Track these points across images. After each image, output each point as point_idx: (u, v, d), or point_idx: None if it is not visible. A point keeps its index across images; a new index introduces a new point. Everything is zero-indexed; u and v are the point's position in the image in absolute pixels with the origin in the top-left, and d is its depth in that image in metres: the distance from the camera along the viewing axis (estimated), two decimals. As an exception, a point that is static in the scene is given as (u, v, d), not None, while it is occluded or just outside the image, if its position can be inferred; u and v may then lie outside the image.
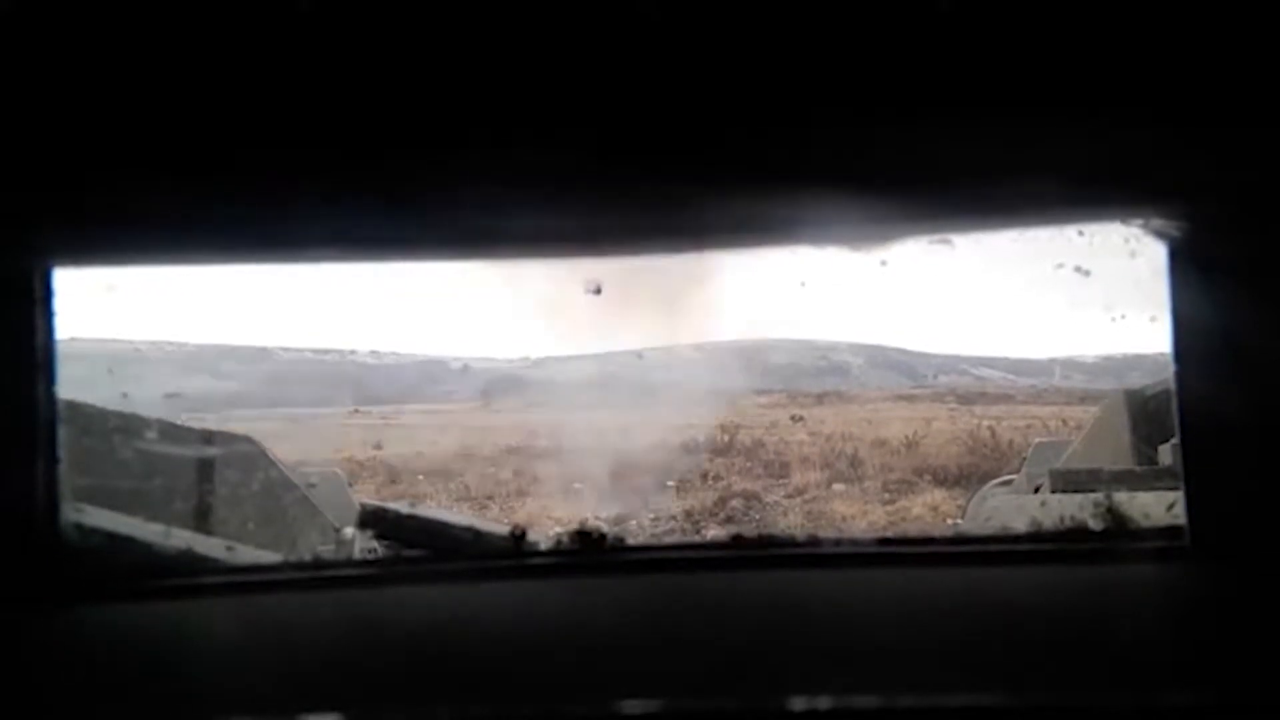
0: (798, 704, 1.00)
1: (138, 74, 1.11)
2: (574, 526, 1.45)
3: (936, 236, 1.35)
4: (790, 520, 9.03)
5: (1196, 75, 1.11)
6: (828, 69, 1.10)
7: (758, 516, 9.31)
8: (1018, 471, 4.71)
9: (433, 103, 1.13)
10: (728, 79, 1.09)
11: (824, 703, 1.00)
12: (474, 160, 1.17)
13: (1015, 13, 1.07)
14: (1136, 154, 1.18)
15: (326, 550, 2.56)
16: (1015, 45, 1.10)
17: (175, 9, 1.05)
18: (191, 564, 1.53)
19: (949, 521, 8.30)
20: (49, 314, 1.29)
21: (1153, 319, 1.36)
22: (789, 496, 9.97)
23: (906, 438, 11.65)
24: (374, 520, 1.71)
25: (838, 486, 10.21)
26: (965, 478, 9.66)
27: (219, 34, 1.07)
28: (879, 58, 1.10)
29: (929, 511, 9.08)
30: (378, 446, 12.09)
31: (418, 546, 1.61)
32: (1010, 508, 3.64)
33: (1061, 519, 1.44)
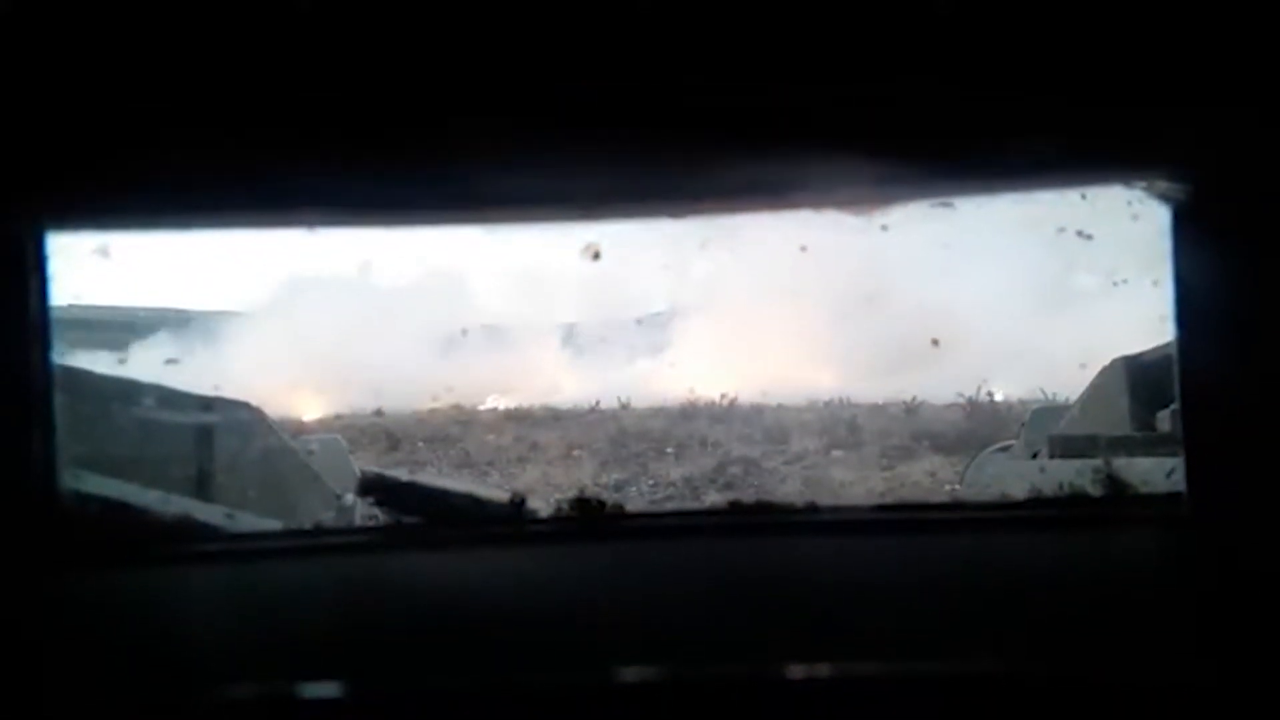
0: (797, 671, 1.01)
1: (133, 40, 1.09)
2: (573, 493, 1.45)
3: (938, 199, 1.34)
4: (789, 487, 9.06)
5: (1201, 40, 1.10)
6: (829, 33, 1.08)
7: (756, 483, 9.33)
8: (1016, 437, 4.72)
9: (433, 66, 1.11)
10: (729, 42, 1.08)
11: (823, 670, 1.00)
12: (473, 124, 1.15)
13: None
14: (1139, 117, 1.17)
15: (327, 517, 2.57)
16: (1019, 9, 1.08)
17: None
18: (190, 531, 1.53)
19: (948, 488, 8.33)
20: (43, 280, 1.28)
21: (1155, 283, 1.35)
22: (788, 463, 9.99)
23: (905, 403, 11.66)
24: (374, 487, 1.71)
25: (836, 453, 10.22)
26: (963, 443, 9.66)
27: (217, 4, 1.06)
28: (881, 22, 1.08)
29: (927, 477, 9.10)
30: (378, 412, 12.11)
31: (418, 513, 1.61)
32: (1010, 474, 3.65)
33: (1061, 485, 1.44)
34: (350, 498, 2.78)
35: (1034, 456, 3.69)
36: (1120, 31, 1.09)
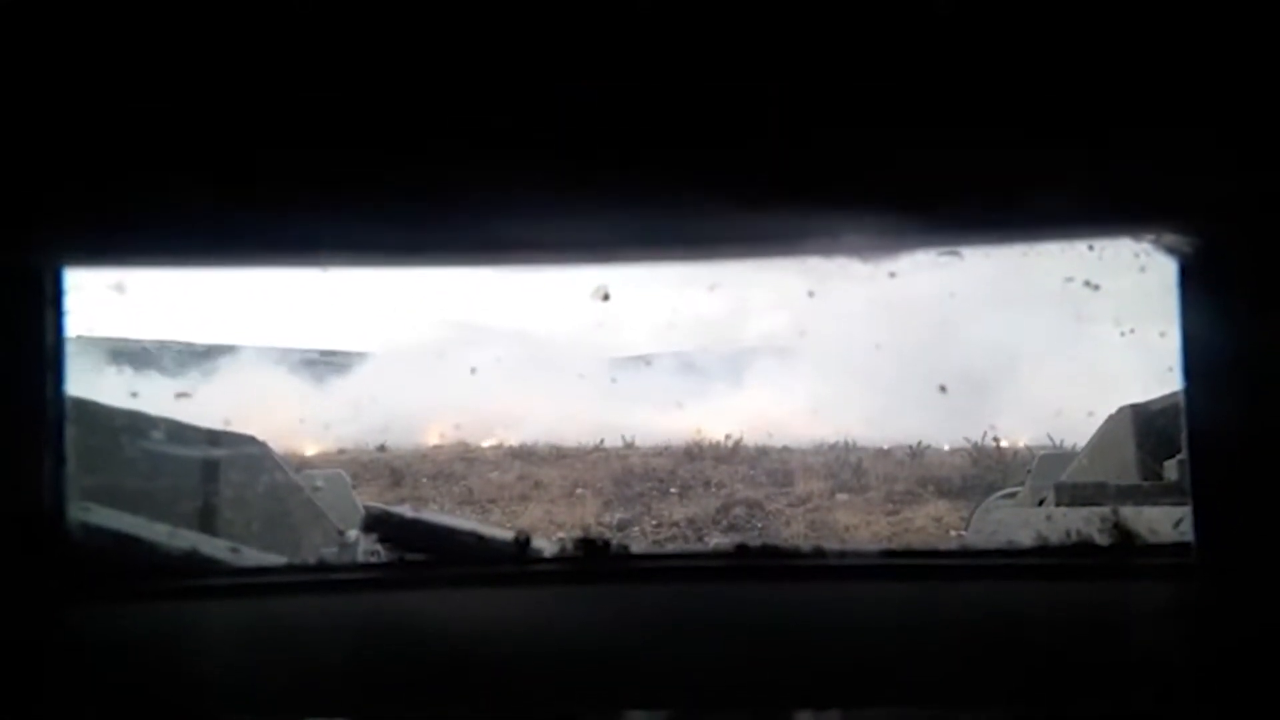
0: (803, 717, 1.00)
1: (150, 76, 1.11)
2: (577, 533, 1.45)
3: (945, 249, 1.35)
4: (793, 529, 9.03)
5: (1209, 93, 1.11)
6: (840, 83, 1.10)
7: (760, 525, 9.30)
8: (1022, 484, 4.71)
9: (445, 109, 1.13)
10: (741, 91, 1.09)
11: (831, 716, 1.00)
12: (485, 166, 1.17)
13: (1029, 30, 1.07)
14: (1148, 170, 1.18)
15: (330, 553, 2.56)
16: (1028, 62, 1.10)
17: (190, 13, 1.05)
18: (196, 565, 1.53)
19: (953, 533, 8.28)
20: (59, 312, 1.29)
21: (1162, 334, 1.35)
22: (792, 505, 9.97)
23: (910, 448, 11.64)
24: (378, 524, 1.70)
25: (841, 496, 10.20)
26: (969, 489, 9.65)
27: (232, 39, 1.08)
28: (892, 73, 1.10)
29: (932, 523, 9.07)
30: (381, 448, 12.12)
31: (422, 551, 1.61)
32: (1015, 521, 3.63)
33: (1068, 533, 1.44)
34: (354, 534, 2.77)
35: (1040, 503, 3.68)
36: (1131, 87, 1.10)
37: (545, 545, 1.49)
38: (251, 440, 2.91)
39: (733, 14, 1.06)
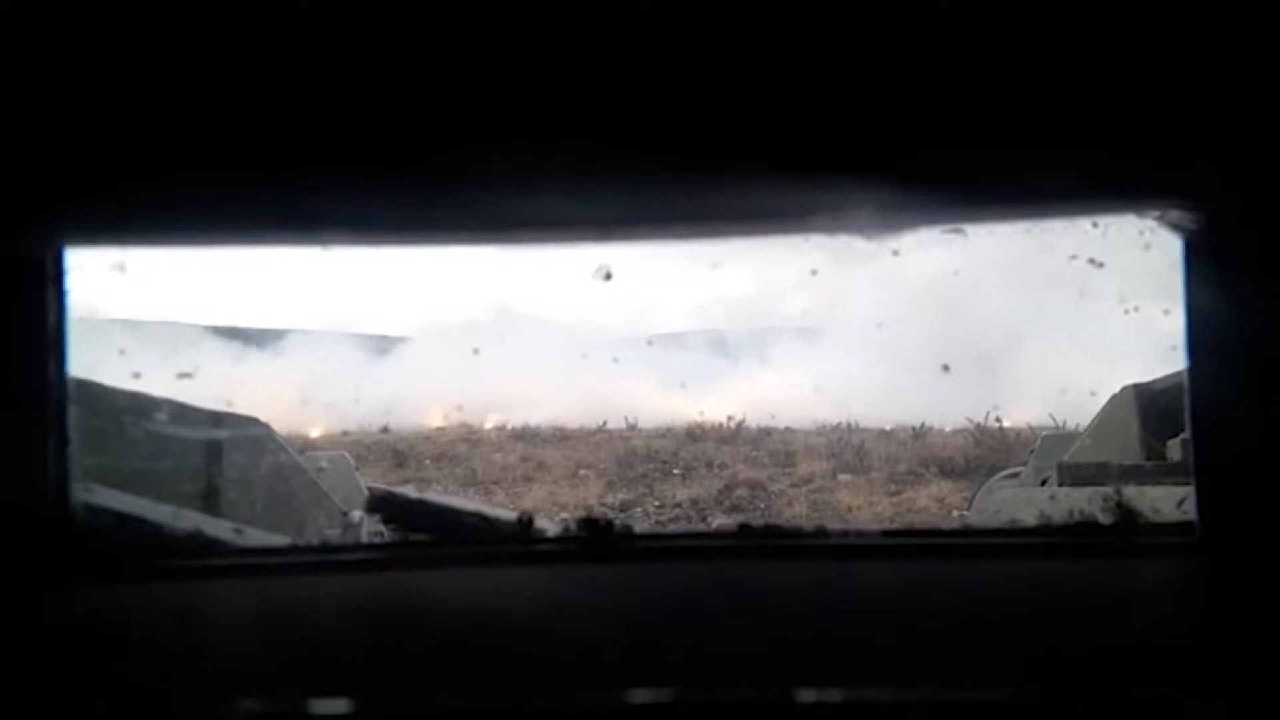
0: (807, 696, 1.01)
1: (152, 58, 1.11)
2: (580, 513, 1.45)
3: (949, 226, 1.35)
4: (796, 510, 9.05)
5: (1214, 72, 1.10)
6: (846, 62, 1.10)
7: (763, 506, 9.33)
8: (1025, 464, 4.72)
9: (451, 89, 1.12)
10: (747, 70, 1.09)
11: (833, 695, 1.00)
12: (492, 146, 1.16)
13: (1035, 9, 1.06)
14: (1153, 148, 1.18)
15: (333, 534, 2.57)
16: (1033, 41, 1.09)
17: None
18: (200, 546, 1.53)
19: (955, 514, 8.31)
20: (61, 293, 1.29)
21: (1166, 312, 1.35)
22: (795, 486, 9.98)
23: (913, 428, 11.65)
24: (382, 505, 1.70)
25: (843, 477, 10.22)
26: (971, 469, 9.67)
27: (236, 18, 1.07)
28: (897, 51, 1.09)
29: (935, 503, 9.09)
30: (385, 430, 12.16)
31: (425, 531, 1.61)
32: (1018, 500, 3.64)
33: (1071, 513, 1.44)
34: (357, 514, 2.79)
35: (1043, 484, 3.69)
36: (1135, 63, 1.09)
37: (548, 526, 1.49)
38: (255, 421, 2.92)
39: None
